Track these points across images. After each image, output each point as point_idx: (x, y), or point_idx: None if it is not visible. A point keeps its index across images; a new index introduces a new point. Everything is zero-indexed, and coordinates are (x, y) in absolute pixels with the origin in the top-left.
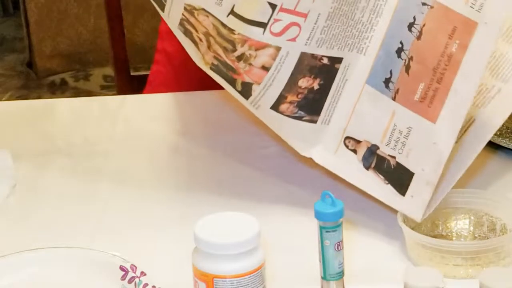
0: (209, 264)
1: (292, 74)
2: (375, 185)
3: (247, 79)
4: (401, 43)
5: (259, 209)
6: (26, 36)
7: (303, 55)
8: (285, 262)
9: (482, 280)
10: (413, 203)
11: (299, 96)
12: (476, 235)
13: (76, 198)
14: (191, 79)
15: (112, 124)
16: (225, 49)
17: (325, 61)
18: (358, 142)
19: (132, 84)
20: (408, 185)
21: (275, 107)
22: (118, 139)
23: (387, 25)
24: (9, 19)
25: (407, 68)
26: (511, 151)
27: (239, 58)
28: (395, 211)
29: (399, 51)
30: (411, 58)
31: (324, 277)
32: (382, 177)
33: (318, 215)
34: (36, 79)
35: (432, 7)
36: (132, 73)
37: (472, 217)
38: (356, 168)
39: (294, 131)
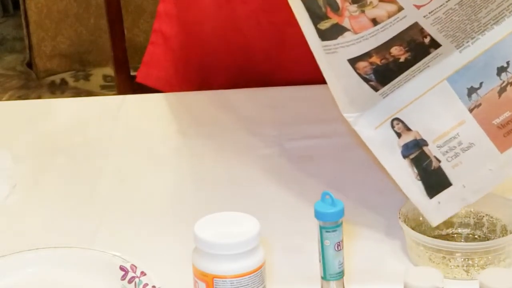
0: (209, 264)
1: (392, 38)
2: (405, 175)
3: (346, 23)
4: (507, 63)
5: (259, 209)
6: (26, 36)
7: (415, 25)
8: (285, 262)
9: (482, 280)
10: (437, 209)
11: (382, 61)
12: (476, 236)
13: (76, 198)
14: (190, 63)
15: (112, 124)
16: None
17: (427, 40)
18: (408, 129)
19: (132, 84)
20: (440, 191)
21: (353, 61)
22: (118, 139)
23: (500, 37)
24: (9, 19)
25: (502, 90)
26: None
27: (356, 0)
28: (395, 211)
29: (502, 70)
30: (511, 83)
31: (324, 277)
32: (416, 171)
33: (318, 215)
34: (36, 79)
35: None
36: (132, 73)
37: (473, 218)
38: (390, 150)
39: (351, 88)
